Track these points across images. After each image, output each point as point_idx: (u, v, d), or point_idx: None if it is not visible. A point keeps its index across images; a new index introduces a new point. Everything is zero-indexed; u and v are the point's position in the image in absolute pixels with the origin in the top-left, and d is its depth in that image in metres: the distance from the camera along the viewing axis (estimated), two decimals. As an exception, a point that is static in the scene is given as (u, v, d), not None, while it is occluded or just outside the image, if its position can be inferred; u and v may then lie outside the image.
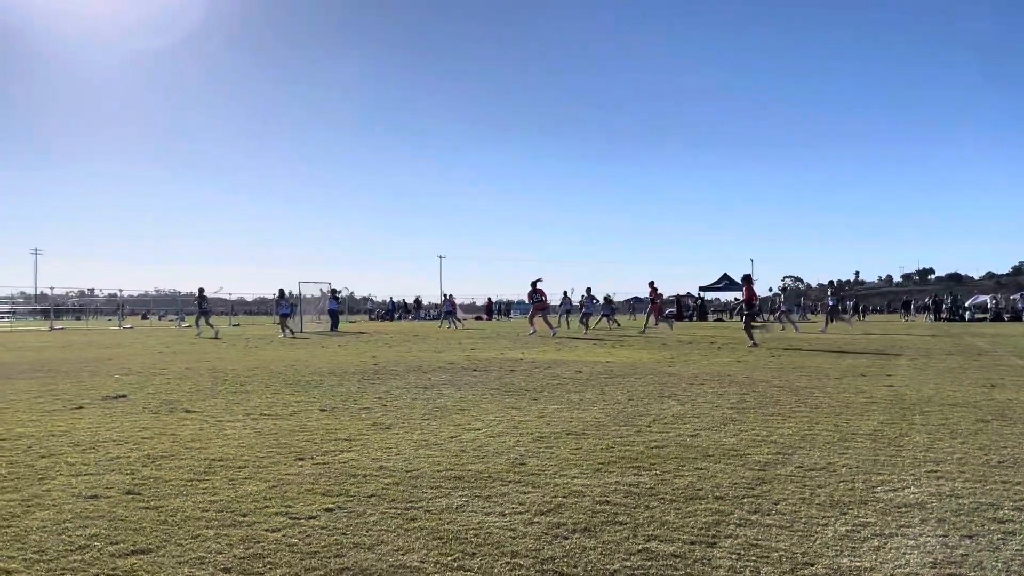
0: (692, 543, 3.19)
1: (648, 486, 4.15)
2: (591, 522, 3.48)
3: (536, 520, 3.51)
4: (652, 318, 28.03)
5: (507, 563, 2.95)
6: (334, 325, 30.10)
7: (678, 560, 2.99)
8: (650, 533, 3.32)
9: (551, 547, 3.13)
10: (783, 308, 31.62)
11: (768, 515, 3.59)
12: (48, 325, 38.40)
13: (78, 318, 54.96)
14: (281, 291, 28.10)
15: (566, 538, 3.25)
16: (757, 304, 19.59)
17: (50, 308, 44.47)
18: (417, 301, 62.89)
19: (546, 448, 5.22)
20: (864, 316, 52.28)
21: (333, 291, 31.59)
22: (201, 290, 27.49)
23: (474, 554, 3.05)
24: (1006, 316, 42.40)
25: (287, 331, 25.36)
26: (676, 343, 18.87)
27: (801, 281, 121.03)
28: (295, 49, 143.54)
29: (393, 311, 56.55)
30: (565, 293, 32.63)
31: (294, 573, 2.85)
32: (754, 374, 10.42)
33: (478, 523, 3.46)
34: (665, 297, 34.73)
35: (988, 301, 48.88)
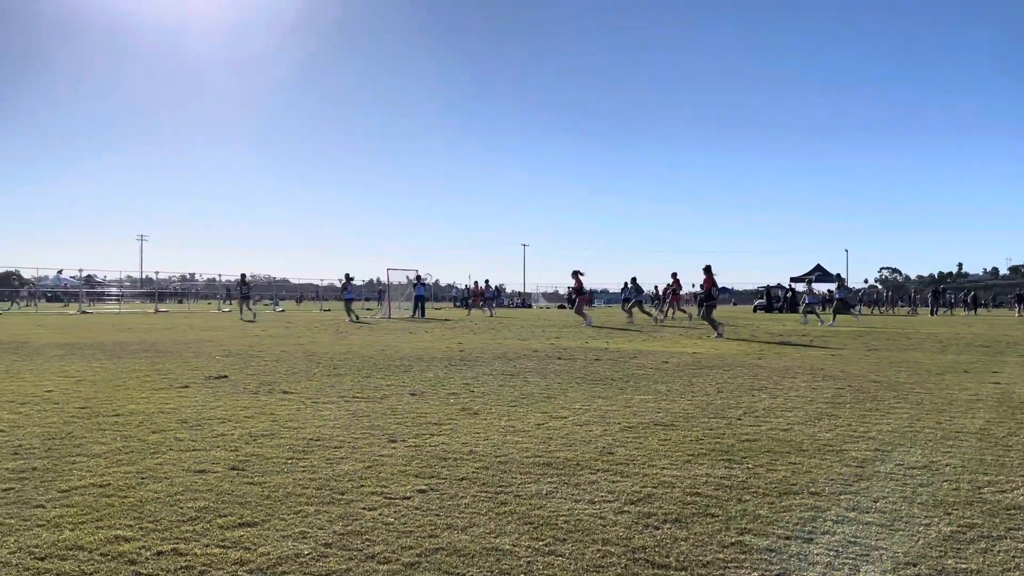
0: (787, 538, 3.13)
1: (740, 479, 4.09)
2: (682, 513, 3.46)
3: (626, 509, 3.51)
4: (671, 309, 28.80)
5: (598, 550, 2.96)
6: (420, 312, 30.58)
7: (773, 555, 2.94)
8: (743, 527, 3.28)
9: (642, 536, 3.13)
10: (808, 300, 29.90)
11: (867, 513, 3.49)
12: (153, 308, 40.45)
13: (180, 301, 57.68)
14: (347, 275, 29.34)
15: (657, 528, 3.24)
16: (716, 295, 19.31)
17: (155, 291, 46.87)
18: (498, 289, 63.27)
19: (634, 438, 5.20)
20: (976, 310, 49.68)
21: (418, 278, 32.07)
22: (243, 275, 29.16)
23: (565, 540, 3.08)
24: None
25: (352, 316, 26.15)
26: (766, 335, 18.43)
27: (899, 273, 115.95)
28: (377, 44, 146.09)
29: (468, 298, 56.88)
30: (625, 284, 31.68)
31: (391, 551, 2.94)
32: (849, 368, 10.09)
33: (568, 510, 3.49)
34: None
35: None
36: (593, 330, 20.39)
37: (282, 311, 41.45)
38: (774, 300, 48.23)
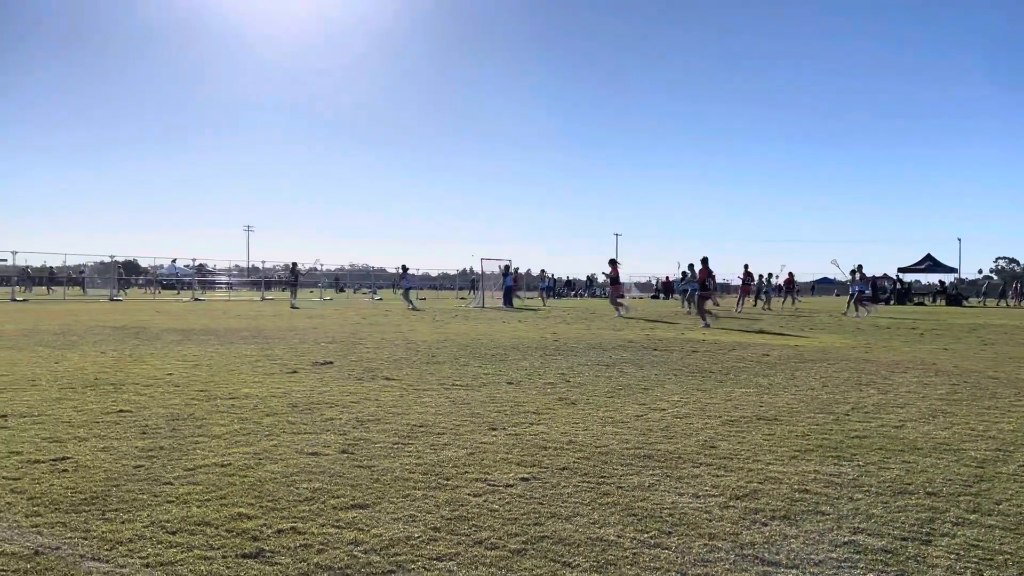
0: (904, 539, 3.02)
1: (850, 477, 3.97)
2: (790, 510, 3.39)
3: (732, 504, 3.46)
4: (744, 299, 28.21)
5: (704, 544, 2.94)
6: (507, 301, 30.65)
7: (889, 556, 2.85)
8: (856, 526, 3.19)
9: (750, 532, 3.09)
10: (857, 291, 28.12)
11: (989, 515, 3.33)
12: (260, 296, 42.18)
13: (283, 289, 59.93)
14: (403, 266, 30.31)
15: (765, 524, 3.19)
16: (711, 286, 19.49)
17: (261, 280, 48.85)
18: (589, 279, 62.98)
19: (736, 432, 5.12)
20: None
21: (506, 267, 32.17)
22: (294, 264, 30.44)
23: (670, 533, 3.07)
24: None
25: (410, 304, 27.26)
26: (872, 328, 17.72)
27: (1017, 263, 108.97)
28: (472, 38, 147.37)
29: (552, 287, 56.66)
30: (684, 274, 30.15)
31: (497, 537, 3.00)
32: (964, 363, 9.60)
33: (672, 503, 3.47)
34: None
35: None
36: (692, 321, 20.08)
37: (379, 299, 42.51)
38: (880, 291, 46.23)
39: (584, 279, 64.02)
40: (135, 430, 4.90)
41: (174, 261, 57.30)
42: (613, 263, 23.85)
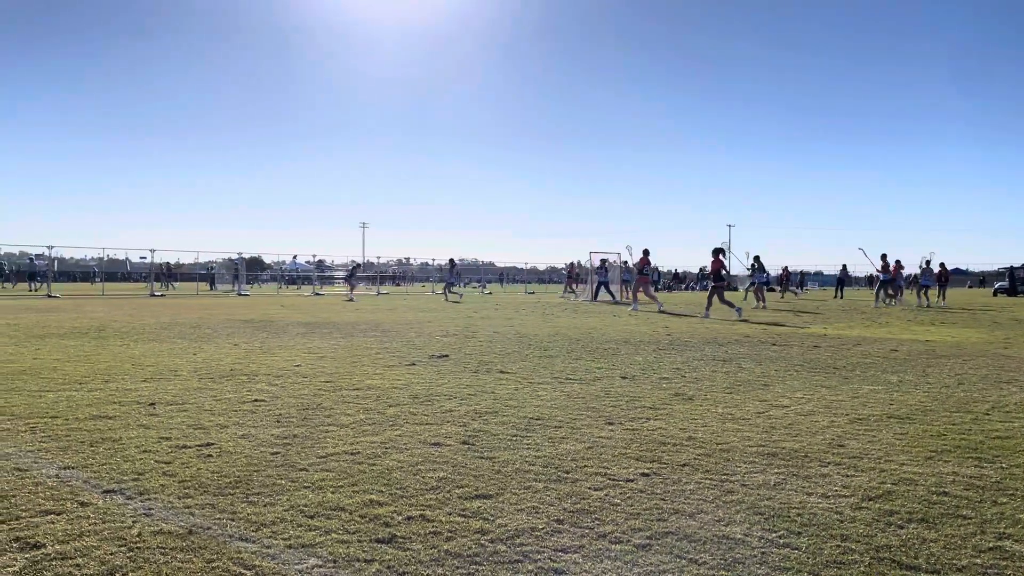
0: (1057, 549, 2.84)
1: (993, 480, 3.75)
2: (928, 513, 3.24)
3: (864, 505, 3.34)
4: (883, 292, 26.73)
5: (837, 546, 2.85)
6: (595, 296, 30.03)
7: (1041, 565, 2.68)
8: (1001, 531, 3.01)
9: (885, 535, 2.97)
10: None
11: None
12: (375, 290, 43.55)
13: (397, 284, 61.65)
14: (451, 260, 30.97)
15: (901, 527, 3.06)
16: (726, 277, 19.37)
17: (376, 275, 50.41)
18: (701, 272, 61.64)
19: (866, 431, 4.92)
20: None
21: (603, 261, 31.66)
22: (354, 261, 31.68)
23: (800, 533, 2.99)
24: None
25: (447, 296, 29.04)
26: (1011, 321, 16.58)
27: None
28: (581, 35, 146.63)
29: (658, 280, 55.31)
30: (753, 265, 27.96)
31: (621, 532, 3.01)
32: (1121, 361, 8.85)
33: (800, 502, 3.38)
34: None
35: None
36: (811, 315, 19.35)
37: (489, 293, 43.07)
38: (1019, 282, 43.17)
39: (696, 272, 62.78)
40: (270, 418, 5.18)
41: (295, 257, 59.87)
42: (645, 253, 23.02)
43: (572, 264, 40.98)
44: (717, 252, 18.71)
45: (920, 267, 27.57)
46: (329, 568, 2.64)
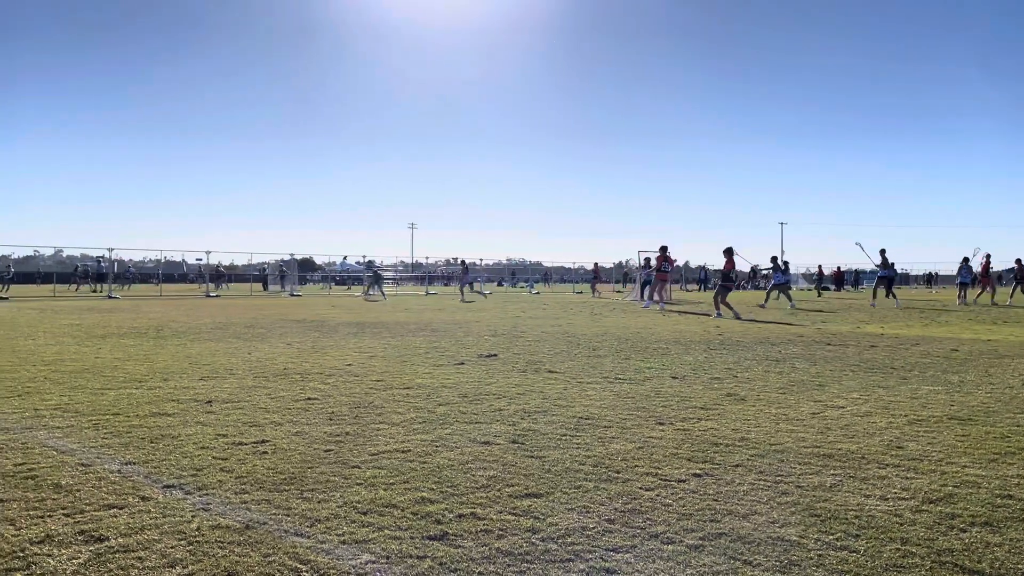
0: None
1: (1062, 485, 3.61)
2: (992, 516, 3.14)
3: (925, 508, 3.25)
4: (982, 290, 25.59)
5: (896, 549, 2.78)
6: (642, 294, 29.83)
7: (1114, 573, 2.58)
8: (1072, 538, 2.90)
9: (947, 538, 2.89)
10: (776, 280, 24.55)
11: None
12: (424, 290, 43.91)
13: (445, 284, 62.02)
14: (463, 262, 31.19)
15: (964, 531, 2.97)
16: (735, 278, 19.41)
17: (424, 275, 50.82)
18: (754, 270, 60.61)
19: (925, 432, 4.79)
20: None
21: (647, 260, 31.35)
22: (371, 262, 31.78)
23: (858, 536, 2.93)
24: None
25: (463, 296, 29.89)
26: (1079, 321, 15.95)
27: None
28: (626, 35, 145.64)
29: (706, 279, 54.45)
30: (776, 265, 26.71)
31: (673, 532, 2.98)
32: None
33: (857, 505, 3.31)
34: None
35: None
36: (866, 313, 18.92)
37: (537, 293, 43.07)
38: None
39: (748, 271, 61.79)
40: (323, 416, 5.26)
41: (345, 258, 60.66)
42: (663, 250, 22.50)
43: (596, 265, 41.67)
44: (729, 252, 18.51)
45: (980, 262, 26.45)
46: (382, 564, 2.67)
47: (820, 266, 46.76)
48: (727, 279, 18.75)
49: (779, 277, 24.27)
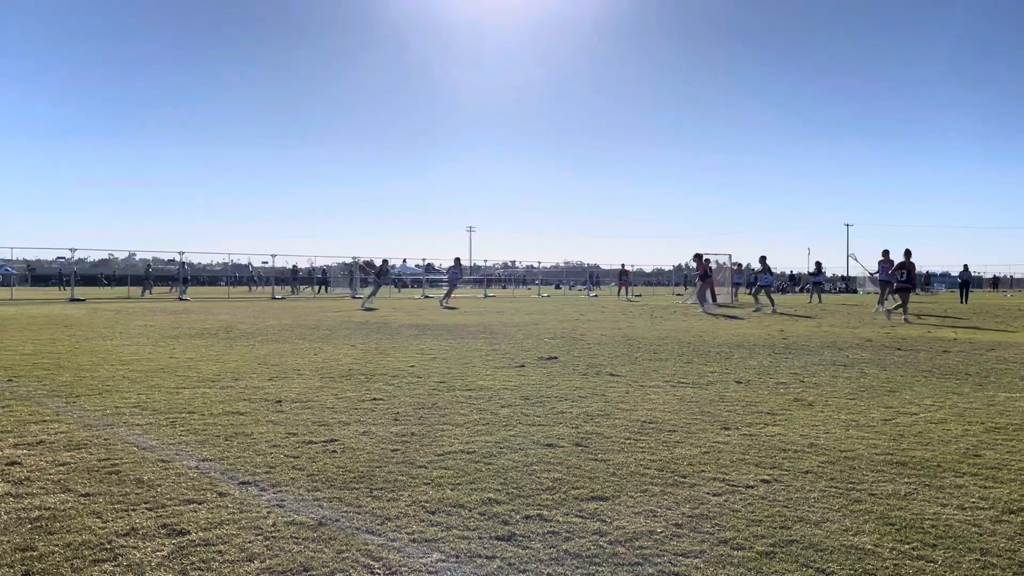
0: None
1: None
2: (1079, 530, 3.02)
3: (1005, 518, 3.15)
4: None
5: (976, 560, 2.71)
6: (712, 298, 29.23)
7: None
8: None
9: (1030, 551, 2.79)
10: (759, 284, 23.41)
11: None
12: (482, 292, 44.18)
13: (504, 287, 62.29)
14: (457, 259, 29.85)
15: (1049, 544, 2.87)
16: (710, 277, 23.15)
17: (483, 278, 51.14)
18: (818, 265, 59.28)
19: (1004, 440, 4.63)
20: None
21: (707, 262, 30.89)
22: (384, 261, 30.80)
23: (935, 545, 2.85)
24: None
25: (445, 302, 27.65)
26: None
27: None
28: (662, 37, 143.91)
29: (753, 281, 53.18)
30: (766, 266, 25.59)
31: (743, 538, 2.95)
32: None
33: (933, 514, 3.22)
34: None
35: None
36: (938, 318, 18.33)
37: (595, 295, 42.91)
38: None
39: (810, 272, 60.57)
40: (388, 417, 5.36)
41: (404, 261, 61.44)
42: (698, 257, 24.16)
43: (624, 265, 41.53)
44: (698, 257, 22.39)
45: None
46: (452, 563, 2.71)
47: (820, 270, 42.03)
48: (705, 276, 22.70)
49: (765, 279, 23.95)
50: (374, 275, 26.88)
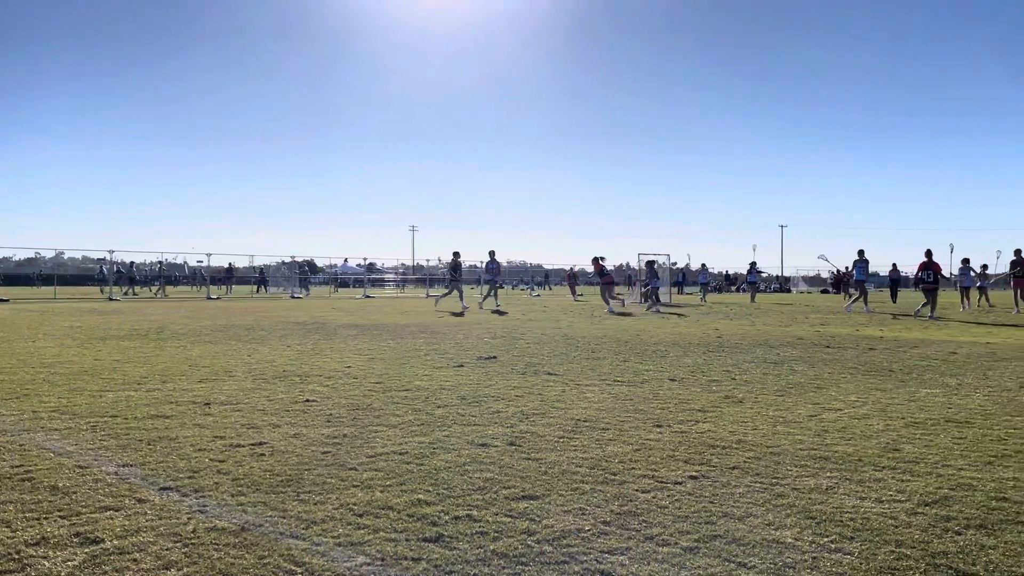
0: None
1: (1058, 487, 3.62)
2: (988, 519, 3.14)
3: (920, 511, 3.26)
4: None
5: (891, 552, 2.79)
6: (656, 298, 29.58)
7: (1108, 575, 2.58)
8: (1066, 540, 2.91)
9: (941, 541, 2.89)
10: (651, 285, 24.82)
11: None
12: (424, 292, 43.92)
13: (446, 286, 62.11)
14: (455, 254, 29.20)
15: (959, 533, 2.97)
16: (611, 277, 24.30)
17: (425, 277, 50.87)
18: (752, 265, 60.62)
19: (922, 435, 4.79)
20: None
21: (650, 264, 31.20)
22: (301, 263, 30.07)
23: (852, 538, 2.93)
24: None
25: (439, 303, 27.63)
26: (1079, 323, 15.94)
27: None
28: (627, 35, 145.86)
29: (683, 283, 53.58)
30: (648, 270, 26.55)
31: (668, 534, 2.99)
32: None
33: (852, 507, 3.31)
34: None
35: None
36: (866, 316, 18.94)
37: (537, 295, 43.06)
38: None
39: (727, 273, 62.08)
40: (321, 419, 5.27)
41: (346, 260, 60.71)
42: (595, 261, 25.10)
43: (571, 268, 41.04)
44: (596, 260, 23.90)
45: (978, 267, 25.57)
46: (377, 566, 2.68)
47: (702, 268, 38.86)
48: (602, 275, 23.79)
49: (654, 282, 25.45)
50: (450, 273, 24.97)
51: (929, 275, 18.66)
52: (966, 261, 24.70)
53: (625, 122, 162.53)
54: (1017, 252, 22.01)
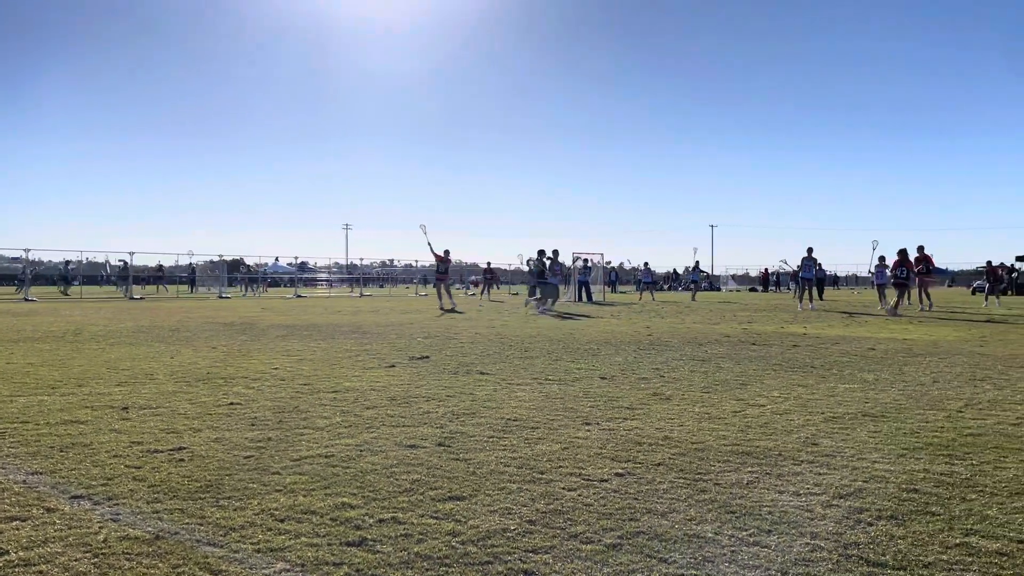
0: (1021, 542, 2.87)
1: (963, 476, 3.78)
2: (898, 510, 3.26)
3: (835, 503, 3.36)
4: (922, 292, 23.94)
5: (806, 544, 2.87)
6: (588, 296, 29.74)
7: (1005, 559, 2.71)
8: (969, 527, 3.04)
9: (854, 532, 2.99)
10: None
11: (1121, 522, 3.12)
12: (358, 292, 43.40)
13: (381, 286, 61.47)
14: (550, 251, 29.31)
15: (870, 524, 3.08)
16: (557, 271, 23.79)
17: (359, 277, 50.25)
18: (696, 264, 61.95)
19: (840, 429, 4.95)
20: None
21: (584, 262, 31.52)
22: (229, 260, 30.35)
23: (770, 531, 3.00)
24: None
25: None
26: (986, 321, 16.75)
27: None
28: (556, 35, 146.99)
29: (616, 281, 54.15)
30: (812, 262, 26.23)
31: (593, 532, 3.01)
32: (1093, 358, 8.95)
33: (771, 500, 3.40)
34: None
35: None
36: (791, 314, 19.51)
37: (473, 295, 43.04)
38: (998, 282, 43.62)
39: (671, 272, 63.35)
40: (245, 422, 5.14)
41: (277, 259, 59.51)
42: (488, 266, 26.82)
43: (489, 264, 40.41)
44: (540, 253, 23.25)
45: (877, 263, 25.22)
46: (297, 572, 2.62)
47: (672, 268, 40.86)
48: (541, 276, 22.84)
49: (583, 276, 26.56)
50: (537, 273, 22.91)
51: (903, 271, 19.90)
52: (882, 259, 25.15)
53: (564, 122, 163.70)
54: (920, 249, 22.77)
